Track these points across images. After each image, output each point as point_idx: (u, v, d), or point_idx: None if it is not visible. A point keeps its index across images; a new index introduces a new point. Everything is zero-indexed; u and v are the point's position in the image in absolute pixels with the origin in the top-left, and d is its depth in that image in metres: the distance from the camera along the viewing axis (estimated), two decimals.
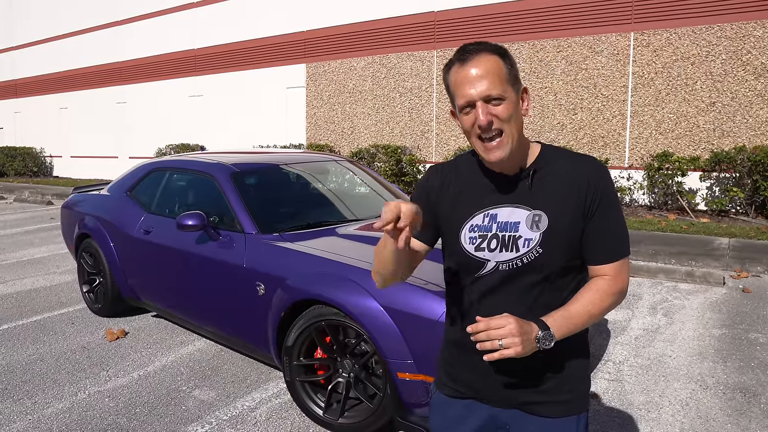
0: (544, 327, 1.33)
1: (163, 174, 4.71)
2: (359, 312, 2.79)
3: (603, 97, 10.00)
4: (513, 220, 1.41)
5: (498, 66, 1.34)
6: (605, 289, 1.41)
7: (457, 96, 1.37)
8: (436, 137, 11.88)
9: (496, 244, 1.42)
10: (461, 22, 11.40)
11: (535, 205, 1.40)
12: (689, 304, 5.08)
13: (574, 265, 1.44)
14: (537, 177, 1.42)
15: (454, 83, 1.38)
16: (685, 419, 3.09)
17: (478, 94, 1.32)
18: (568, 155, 1.46)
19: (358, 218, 4.04)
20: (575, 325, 1.38)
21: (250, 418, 3.18)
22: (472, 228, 1.45)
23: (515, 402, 1.46)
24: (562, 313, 1.37)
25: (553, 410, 1.45)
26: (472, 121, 1.35)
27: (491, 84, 1.32)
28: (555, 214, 1.39)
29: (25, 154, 20.16)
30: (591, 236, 1.41)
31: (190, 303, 4.02)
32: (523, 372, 1.43)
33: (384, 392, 2.81)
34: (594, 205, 1.40)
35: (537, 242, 1.39)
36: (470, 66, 1.34)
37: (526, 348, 1.28)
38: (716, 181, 9.09)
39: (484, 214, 1.44)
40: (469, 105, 1.34)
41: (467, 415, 1.52)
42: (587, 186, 1.39)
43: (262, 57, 14.53)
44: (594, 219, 1.40)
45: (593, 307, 1.39)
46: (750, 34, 8.75)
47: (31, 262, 7.18)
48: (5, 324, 4.82)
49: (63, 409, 3.33)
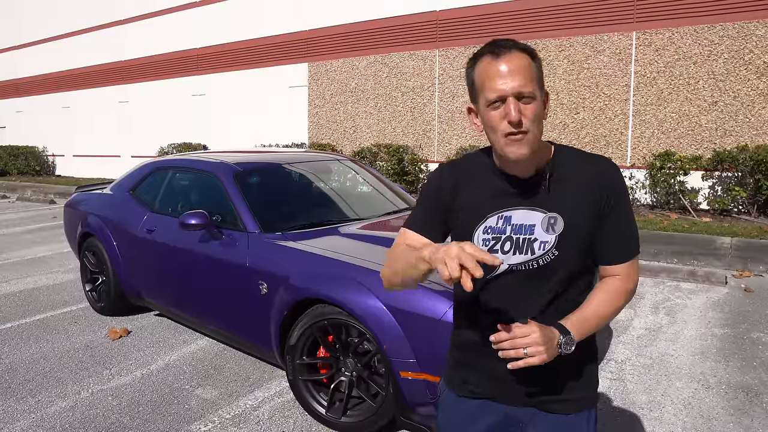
0: (565, 332, 1.33)
1: (166, 173, 4.72)
2: (362, 311, 2.80)
3: (605, 96, 9.99)
4: (528, 222, 1.39)
5: (529, 65, 1.31)
6: (617, 289, 1.41)
7: (485, 89, 1.31)
8: (438, 136, 11.88)
9: (510, 247, 1.40)
10: (463, 21, 11.39)
11: (550, 208, 1.39)
12: (691, 304, 5.08)
13: (586, 266, 1.44)
14: (553, 179, 1.40)
15: (483, 76, 1.32)
16: (687, 418, 3.09)
17: (511, 89, 1.28)
18: (581, 156, 1.45)
19: (361, 217, 4.04)
20: (592, 326, 1.39)
21: (253, 417, 3.19)
22: (485, 230, 1.43)
23: (531, 401, 1.46)
24: (578, 316, 1.37)
25: (568, 407, 1.45)
26: (501, 116, 1.30)
27: (524, 81, 1.28)
28: (571, 216, 1.38)
29: (27, 153, 20.19)
30: (605, 236, 1.41)
31: (192, 302, 4.03)
32: (540, 373, 1.42)
33: (386, 391, 2.82)
34: (608, 206, 1.39)
35: (553, 245, 1.38)
36: (503, 61, 1.29)
37: (550, 355, 1.29)
38: (718, 181, 9.08)
39: (498, 216, 1.42)
40: (500, 99, 1.29)
41: (480, 413, 1.51)
42: (602, 187, 1.39)
43: (264, 56, 14.53)
44: (608, 219, 1.40)
45: (607, 308, 1.40)
46: (752, 34, 8.74)
47: (33, 261, 7.19)
48: (8, 323, 4.83)
49: (66, 407, 3.34)
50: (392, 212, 4.28)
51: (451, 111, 11.70)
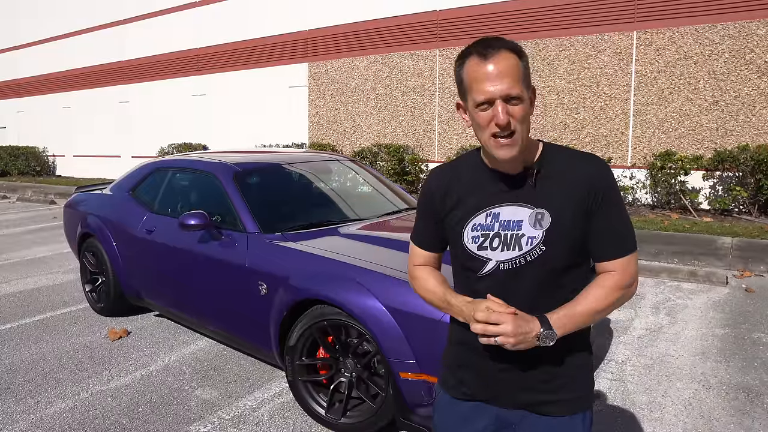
0: (547, 326, 1.35)
1: (166, 173, 4.72)
2: (361, 312, 2.79)
3: (606, 96, 9.98)
4: (516, 218, 1.41)
5: (516, 65, 1.32)
6: (611, 285, 1.42)
7: (473, 91, 1.34)
8: (439, 136, 11.88)
9: (498, 243, 1.42)
10: (463, 21, 11.38)
11: (537, 203, 1.40)
12: (692, 304, 5.07)
13: (576, 263, 1.45)
14: (540, 176, 1.42)
15: (471, 77, 1.34)
16: (687, 419, 3.08)
17: (499, 92, 1.30)
18: (569, 153, 1.46)
19: (361, 218, 4.04)
20: (580, 322, 1.39)
21: (253, 418, 3.18)
22: (474, 227, 1.46)
23: (524, 402, 1.46)
24: (566, 311, 1.38)
25: (561, 409, 1.45)
26: (489, 118, 1.33)
27: (512, 83, 1.30)
28: (557, 212, 1.39)
29: (28, 154, 20.19)
30: (596, 233, 1.42)
31: (192, 302, 4.02)
32: (531, 373, 1.43)
33: (386, 392, 2.81)
34: (596, 203, 1.40)
35: (540, 240, 1.39)
36: (491, 62, 1.31)
37: (525, 346, 1.35)
38: (719, 180, 9.07)
39: (486, 213, 1.44)
40: (488, 102, 1.32)
41: (473, 416, 1.52)
42: (589, 184, 1.40)
43: (264, 56, 14.53)
44: (597, 217, 1.41)
45: (598, 304, 1.41)
46: (753, 33, 8.73)
47: (33, 262, 7.19)
48: (8, 323, 4.83)
49: (65, 408, 3.33)
50: (392, 212, 4.27)
51: (452, 111, 11.69)
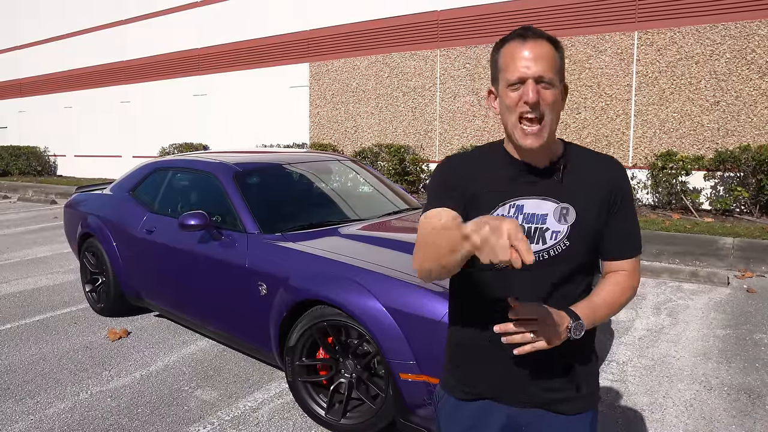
0: (575, 317, 1.34)
1: (166, 173, 4.71)
2: (361, 312, 2.78)
3: (607, 96, 9.96)
4: (540, 212, 1.40)
5: (553, 55, 1.34)
6: (624, 284, 1.45)
7: (507, 70, 1.33)
8: (440, 136, 11.86)
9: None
10: (464, 21, 11.37)
11: (563, 198, 1.40)
12: (693, 305, 5.06)
13: (591, 261, 1.46)
14: (566, 171, 1.42)
15: (507, 57, 1.34)
16: (689, 420, 3.07)
17: (532, 72, 1.30)
18: (591, 154, 1.48)
19: (361, 218, 4.03)
20: (601, 315, 1.41)
21: (252, 419, 3.17)
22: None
23: (538, 401, 1.44)
24: (588, 303, 1.39)
25: (574, 407, 1.45)
26: (518, 97, 1.32)
27: (546, 67, 1.31)
28: (582, 209, 1.40)
29: (29, 153, 20.21)
30: (614, 234, 1.44)
31: (192, 303, 4.01)
32: (545, 370, 1.41)
33: (386, 393, 2.80)
34: (616, 204, 1.43)
35: (564, 235, 1.39)
36: (530, 45, 1.32)
37: (559, 340, 1.31)
38: (720, 181, 9.05)
39: (510, 204, 1.41)
40: (520, 81, 1.32)
41: (483, 418, 1.48)
42: (612, 185, 1.43)
43: (265, 56, 14.53)
44: (616, 218, 1.44)
45: (614, 300, 1.43)
46: (754, 33, 8.71)
47: (34, 262, 7.19)
48: (8, 323, 4.82)
49: (65, 408, 3.33)
50: (393, 213, 4.26)
51: (453, 111, 11.68)
